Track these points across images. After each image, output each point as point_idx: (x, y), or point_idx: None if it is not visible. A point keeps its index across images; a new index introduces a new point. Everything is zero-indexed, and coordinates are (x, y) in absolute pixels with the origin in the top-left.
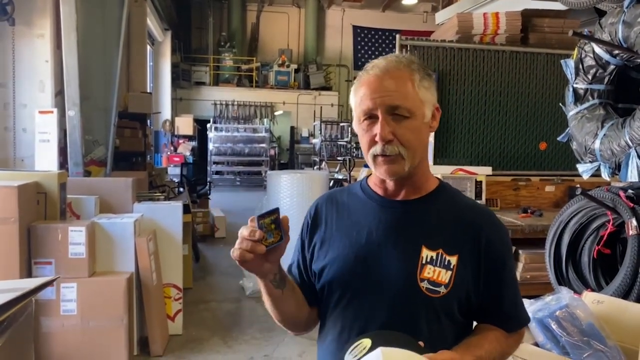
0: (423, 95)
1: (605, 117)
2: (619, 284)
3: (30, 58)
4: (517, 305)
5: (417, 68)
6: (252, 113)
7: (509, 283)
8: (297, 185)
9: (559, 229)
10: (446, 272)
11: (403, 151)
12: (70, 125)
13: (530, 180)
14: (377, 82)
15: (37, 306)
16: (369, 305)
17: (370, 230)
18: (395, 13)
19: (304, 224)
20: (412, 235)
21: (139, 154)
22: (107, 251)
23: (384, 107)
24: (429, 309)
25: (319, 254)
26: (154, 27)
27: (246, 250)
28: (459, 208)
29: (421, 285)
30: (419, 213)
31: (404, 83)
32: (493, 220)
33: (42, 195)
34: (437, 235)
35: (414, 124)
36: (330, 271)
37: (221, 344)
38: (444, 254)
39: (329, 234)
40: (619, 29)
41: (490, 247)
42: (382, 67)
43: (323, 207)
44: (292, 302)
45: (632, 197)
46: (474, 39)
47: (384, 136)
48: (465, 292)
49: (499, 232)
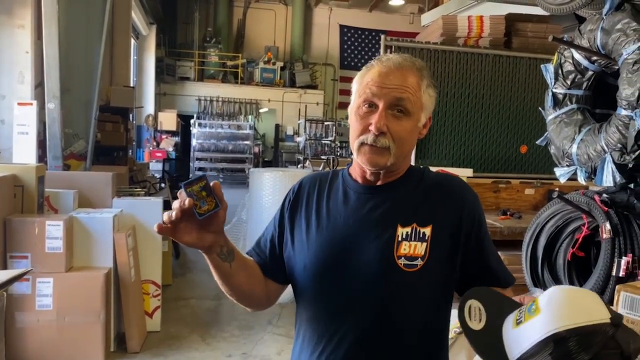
0: (425, 100)
1: (582, 122)
2: (592, 287)
3: (10, 49)
4: (501, 263)
5: (427, 75)
6: (236, 110)
7: (489, 242)
8: (279, 183)
9: (535, 232)
10: (421, 244)
11: (392, 146)
12: (50, 118)
13: (511, 183)
14: (389, 73)
15: (12, 301)
16: (347, 288)
17: (347, 216)
18: (382, 13)
19: (286, 199)
20: (387, 217)
21: (120, 148)
22: (85, 246)
23: (388, 99)
24: (408, 284)
25: (296, 235)
26: (139, 20)
27: (174, 222)
28: (429, 181)
29: (399, 262)
30: (393, 195)
31: (413, 82)
32: (462, 185)
33: (19, 189)
34: (410, 212)
35: (408, 124)
36: (308, 254)
37: (199, 341)
38: (417, 227)
39: (307, 215)
40: (597, 36)
41: (465, 211)
42: (397, 62)
43: (307, 187)
44: (243, 276)
45: (607, 201)
46: (458, 41)
47: (380, 127)
48: (442, 258)
49: (470, 195)
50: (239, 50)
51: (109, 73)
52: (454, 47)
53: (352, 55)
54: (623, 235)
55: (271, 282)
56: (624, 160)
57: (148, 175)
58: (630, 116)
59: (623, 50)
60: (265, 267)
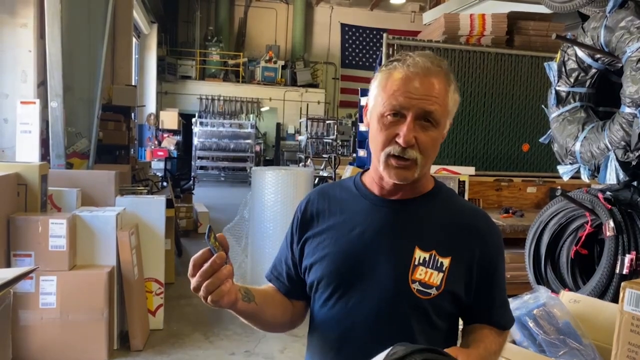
0: (451, 107)
1: (586, 119)
2: (596, 284)
3: (13, 47)
4: (506, 305)
5: (453, 79)
6: (238, 108)
7: (500, 284)
8: (281, 182)
9: (538, 230)
10: (438, 274)
11: (419, 158)
12: (53, 116)
13: (513, 181)
14: (417, 81)
15: (16, 299)
16: (358, 304)
17: (363, 229)
18: (383, 12)
19: (294, 219)
20: (406, 236)
21: (122, 147)
22: (89, 244)
23: (417, 110)
24: (419, 309)
25: (309, 250)
26: (140, 19)
27: (219, 287)
28: (454, 209)
29: (412, 286)
30: (414, 213)
31: (441, 90)
32: (488, 223)
33: (22, 187)
34: (430, 237)
35: (435, 134)
36: (320, 268)
37: (202, 339)
38: (436, 256)
39: (320, 230)
40: (601, 34)
41: (485, 249)
42: (424, 67)
43: (315, 202)
44: (270, 307)
45: (610, 199)
46: (460, 39)
47: (409, 140)
48: (456, 293)
49: (493, 235)
50: (240, 49)
51: (110, 72)
52: (456, 46)
53: (354, 54)
54: (627, 233)
55: (297, 302)
56: (627, 158)
57: (150, 174)
58: (634, 114)
59: (627, 47)
60: (287, 290)
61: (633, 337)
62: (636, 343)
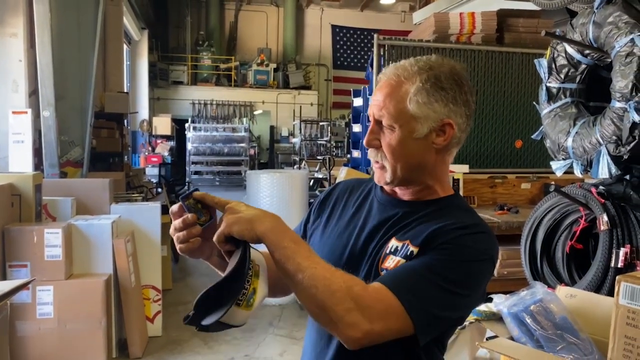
0: (415, 109)
1: (577, 115)
2: (591, 278)
3: (3, 57)
4: (397, 275)
5: (423, 80)
6: (231, 112)
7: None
8: (276, 185)
9: (533, 225)
10: (405, 262)
11: (385, 162)
12: (45, 125)
13: (507, 178)
14: (377, 89)
15: (13, 310)
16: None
17: (363, 224)
18: (373, 12)
19: (318, 199)
20: (390, 229)
21: (116, 154)
22: (85, 253)
23: (373, 115)
24: None
25: (316, 230)
26: (131, 26)
27: (187, 239)
28: (449, 215)
29: (381, 274)
30: (408, 212)
31: (393, 95)
32: (466, 226)
33: (16, 197)
34: (411, 230)
35: (398, 137)
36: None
37: (202, 344)
38: (409, 245)
39: (329, 216)
40: (589, 30)
41: (438, 230)
42: (386, 74)
43: (338, 190)
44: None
45: (603, 193)
46: (451, 38)
47: (367, 142)
48: None
49: (458, 231)
50: (231, 53)
51: (102, 79)
52: (446, 44)
53: (345, 55)
54: (620, 227)
55: None
56: (619, 152)
57: (144, 181)
58: (625, 108)
59: (615, 43)
60: None
61: (629, 330)
62: (632, 336)
